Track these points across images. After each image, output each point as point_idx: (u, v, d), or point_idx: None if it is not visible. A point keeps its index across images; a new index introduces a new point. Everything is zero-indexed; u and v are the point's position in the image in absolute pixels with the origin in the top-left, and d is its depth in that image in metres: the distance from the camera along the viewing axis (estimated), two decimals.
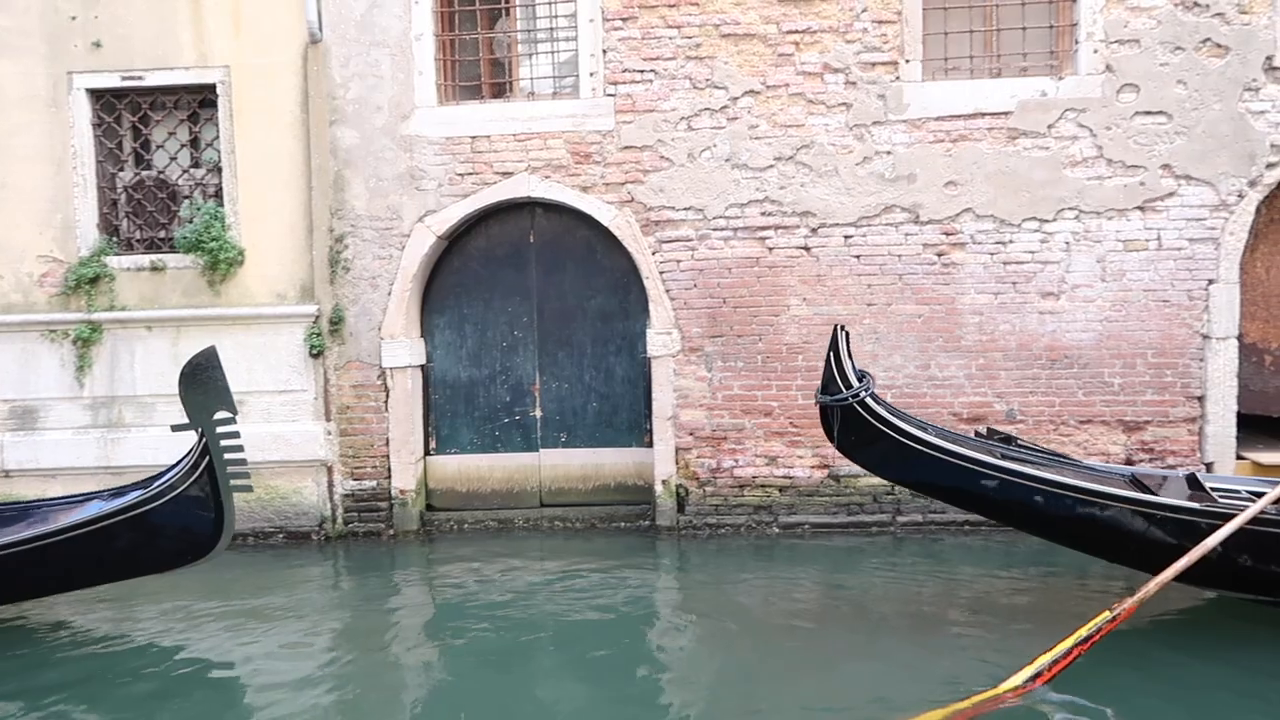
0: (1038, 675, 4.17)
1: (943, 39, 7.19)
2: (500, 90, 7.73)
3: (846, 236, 7.18)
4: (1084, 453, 7.06)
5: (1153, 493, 5.10)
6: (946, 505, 7.00)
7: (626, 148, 7.27)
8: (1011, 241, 7.08)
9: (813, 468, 7.23)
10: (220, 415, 4.92)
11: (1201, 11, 6.87)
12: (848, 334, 5.29)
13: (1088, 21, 6.94)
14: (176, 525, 5.13)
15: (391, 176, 7.44)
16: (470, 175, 7.40)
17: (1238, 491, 5.32)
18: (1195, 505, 4.89)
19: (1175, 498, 5.03)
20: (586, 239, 7.62)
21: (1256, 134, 6.88)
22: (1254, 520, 4.56)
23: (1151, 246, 7.00)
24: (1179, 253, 6.98)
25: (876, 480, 7.15)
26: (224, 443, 4.98)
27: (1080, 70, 6.99)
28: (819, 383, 5.19)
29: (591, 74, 7.29)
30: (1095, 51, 6.95)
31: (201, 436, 4.94)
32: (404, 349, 7.51)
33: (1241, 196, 6.92)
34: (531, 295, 7.75)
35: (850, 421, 5.22)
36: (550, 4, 7.55)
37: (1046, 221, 7.05)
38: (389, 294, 7.48)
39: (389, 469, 7.54)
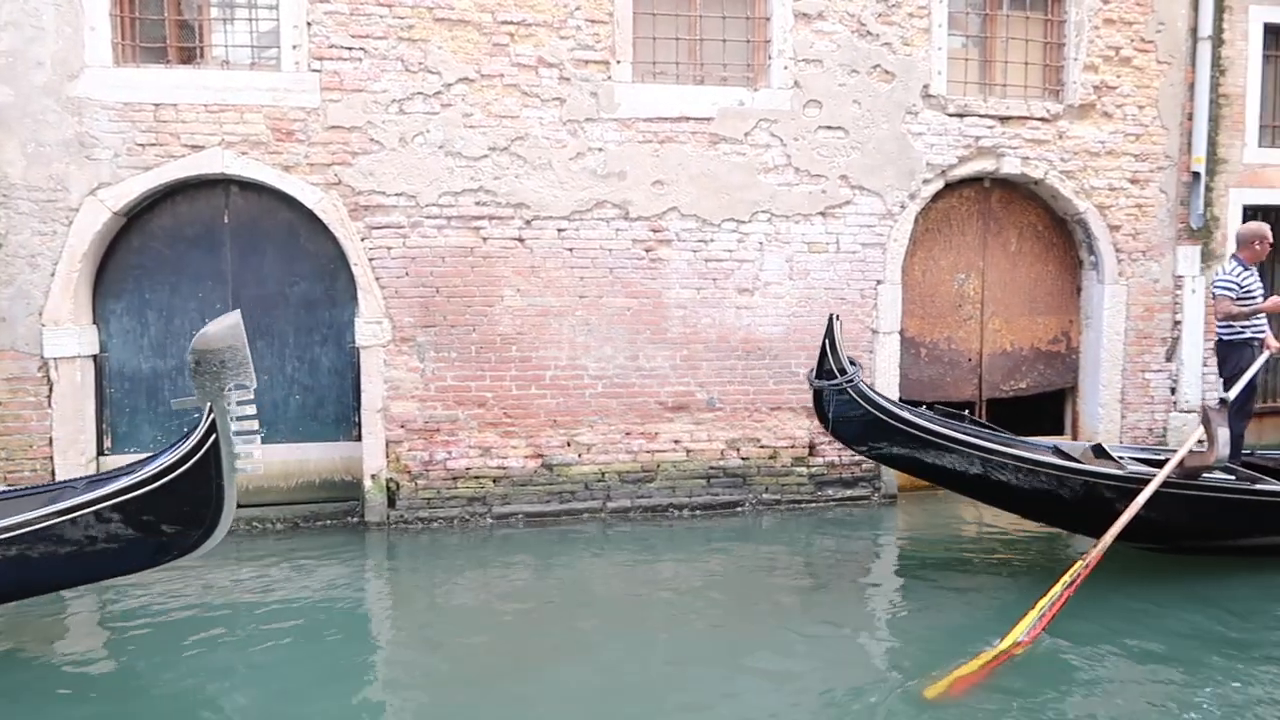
0: (1037, 623, 4.64)
1: (652, 43, 7.49)
2: (190, 56, 7.09)
3: (560, 230, 7.30)
4: (774, 437, 7.68)
5: (1077, 462, 5.98)
6: (653, 492, 7.36)
7: (333, 127, 6.93)
8: (712, 240, 7.53)
9: (526, 458, 7.29)
10: (233, 390, 4.31)
11: (873, 40, 7.66)
12: (840, 323, 5.89)
13: (779, 39, 7.52)
14: (169, 514, 4.50)
15: (56, 142, 6.59)
16: (153, 146, 6.72)
17: (1124, 458, 6.41)
18: (1127, 473, 5.75)
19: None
20: (289, 222, 7.18)
21: (916, 153, 7.78)
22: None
23: (831, 249, 7.72)
24: (854, 255, 7.75)
25: (588, 468, 7.39)
26: (235, 420, 4.37)
27: (773, 84, 7.56)
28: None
29: (295, 46, 6.86)
30: (785, 68, 7.54)
31: (210, 412, 4.33)
32: (71, 337, 6.69)
33: (904, 207, 7.81)
34: (226, 280, 7.17)
35: (842, 404, 5.78)
36: None
37: (743, 223, 7.56)
38: (52, 275, 6.63)
39: (53, 471, 6.69)
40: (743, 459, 7.64)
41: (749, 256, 7.59)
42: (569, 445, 7.35)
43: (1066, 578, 4.92)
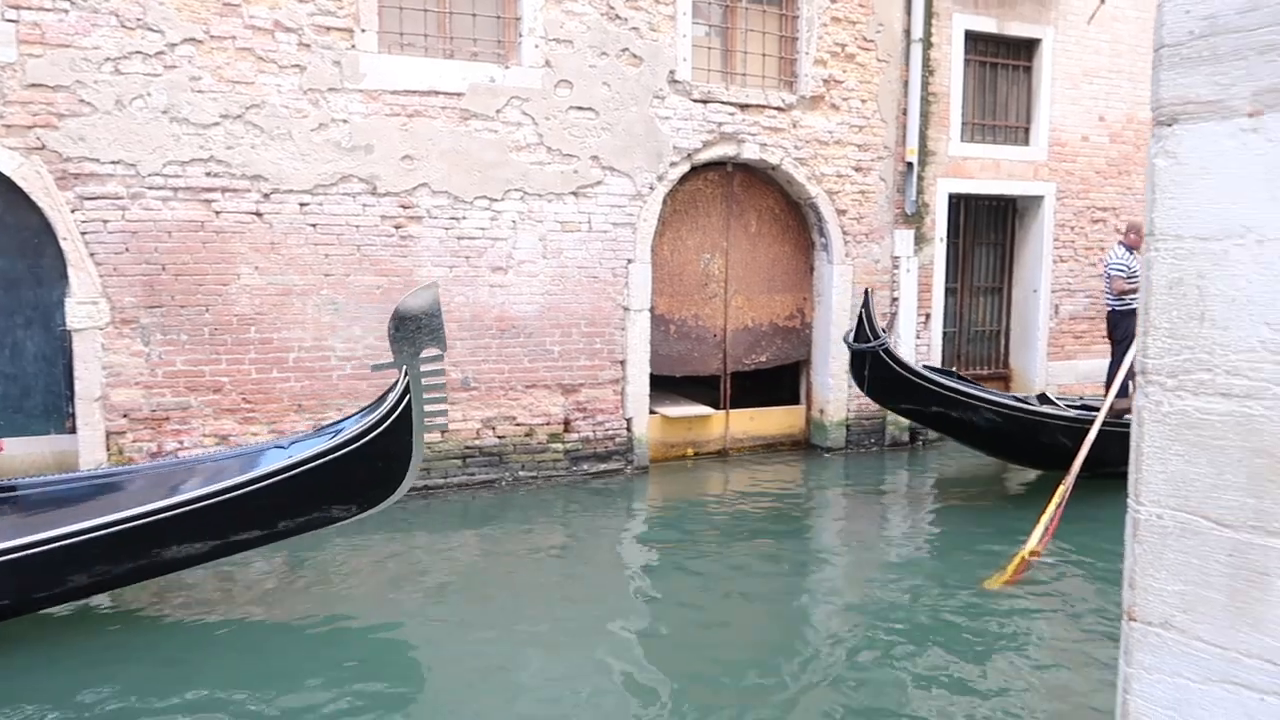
0: (1044, 536, 5.41)
1: (399, 13, 7.26)
2: None
3: (302, 204, 6.96)
4: (530, 415, 7.77)
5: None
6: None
7: (34, 85, 6.22)
8: (465, 218, 7.46)
9: None
10: (428, 353, 4.81)
11: (622, 24, 7.83)
12: (873, 294, 7.32)
13: (530, 17, 7.52)
14: (375, 467, 4.94)
15: None
16: None
17: (1064, 405, 8.02)
18: (1085, 415, 7.12)
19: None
20: None
21: (663, 136, 8.07)
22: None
23: (584, 228, 7.87)
24: (605, 235, 7.94)
25: None
26: (426, 381, 4.86)
27: (524, 62, 7.56)
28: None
29: None
30: (536, 46, 7.56)
31: (405, 375, 4.80)
32: None
33: (653, 189, 8.09)
34: None
35: (875, 365, 7.09)
36: None
37: (496, 200, 7.54)
38: None
39: None
40: (499, 437, 7.68)
41: (502, 234, 7.59)
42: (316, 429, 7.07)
43: (1056, 499, 5.65)
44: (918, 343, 9.44)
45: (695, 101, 8.16)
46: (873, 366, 7.15)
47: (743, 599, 5.64)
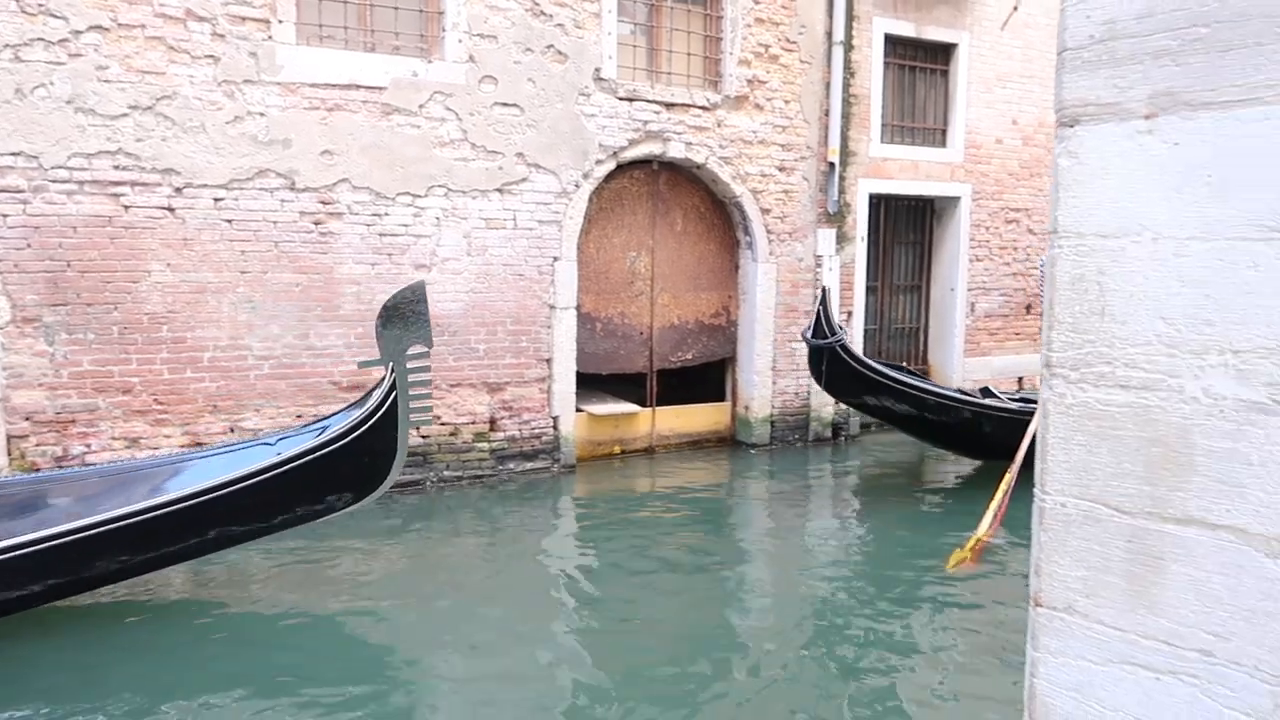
0: (994, 520, 5.83)
1: (318, 5, 7.11)
2: None
3: (217, 199, 6.76)
4: (455, 414, 7.68)
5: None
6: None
7: None
8: (387, 214, 7.34)
9: (182, 447, 6.73)
10: (414, 350, 4.91)
11: (547, 20, 7.79)
12: (830, 293, 7.89)
13: (453, 11, 7.43)
14: (361, 463, 5.03)
15: None
16: None
17: (1000, 396, 8.51)
18: (1026, 407, 7.54)
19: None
20: None
21: (589, 134, 8.05)
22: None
23: (509, 226, 7.81)
24: (531, 232, 7.89)
25: None
26: (412, 377, 4.97)
27: (447, 57, 7.47)
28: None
29: None
30: (460, 41, 7.47)
31: (391, 371, 4.90)
32: None
33: (578, 186, 8.06)
34: None
35: (833, 360, 7.46)
36: None
37: (419, 197, 7.43)
38: None
39: None
40: (423, 437, 7.57)
41: (426, 232, 7.48)
42: (232, 431, 6.89)
43: (1003, 486, 6.00)
44: None
45: (621, 100, 8.16)
46: (830, 362, 7.48)
47: (673, 595, 5.67)
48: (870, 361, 7.84)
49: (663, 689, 4.38)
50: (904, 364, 9.28)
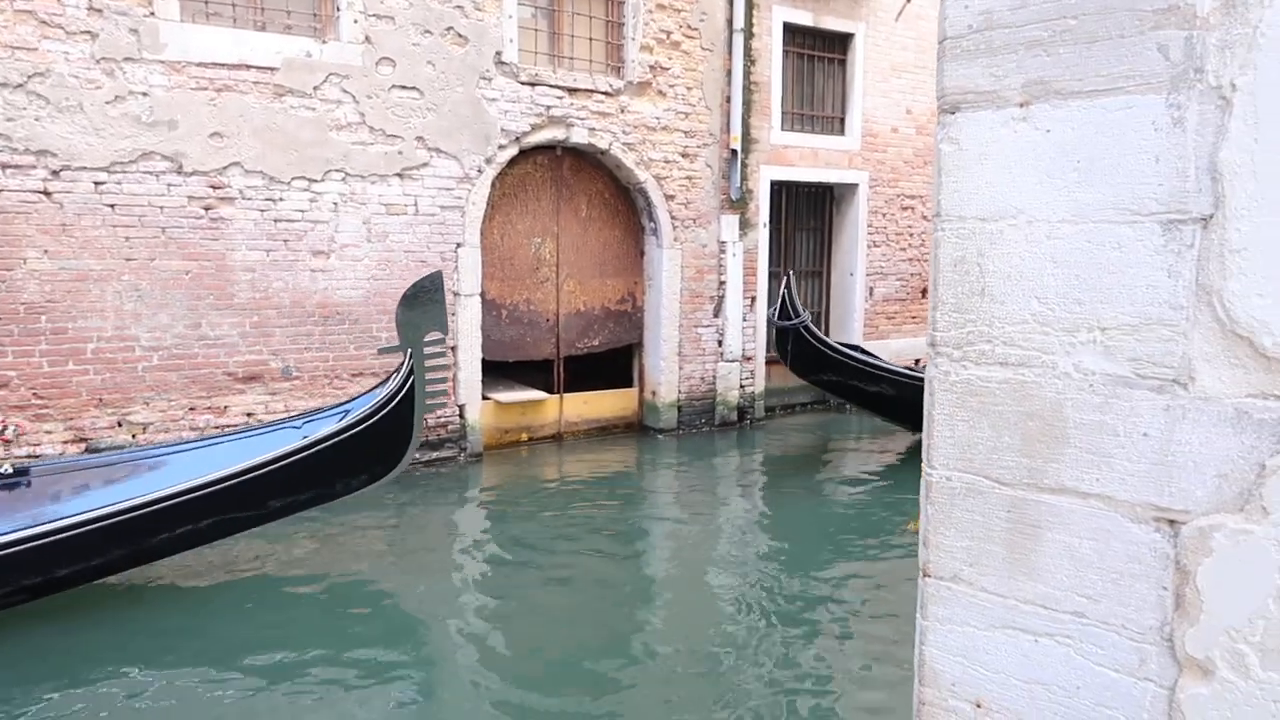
0: None
1: None
2: None
3: (98, 183, 6.45)
4: None
5: None
6: None
7: None
8: (282, 199, 7.11)
9: (65, 443, 6.42)
10: (431, 336, 5.12)
11: (446, 1, 7.65)
12: (795, 275, 8.50)
13: None
14: (382, 444, 5.24)
15: None
16: None
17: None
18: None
19: None
20: None
21: (491, 118, 7.95)
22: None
23: (410, 211, 7.67)
24: (433, 218, 7.76)
25: None
26: (429, 363, 5.18)
27: (343, 37, 7.26)
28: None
29: None
30: (355, 21, 7.27)
31: (409, 357, 5.11)
32: None
33: (481, 171, 7.96)
34: None
35: (798, 340, 7.98)
36: None
37: (316, 181, 7.22)
38: None
39: None
40: None
41: (323, 217, 7.28)
42: (120, 426, 6.60)
43: None
44: (744, 325, 9.74)
45: (523, 84, 8.08)
46: (795, 342, 7.99)
47: (583, 585, 5.67)
48: (831, 341, 8.42)
49: (572, 676, 4.39)
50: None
